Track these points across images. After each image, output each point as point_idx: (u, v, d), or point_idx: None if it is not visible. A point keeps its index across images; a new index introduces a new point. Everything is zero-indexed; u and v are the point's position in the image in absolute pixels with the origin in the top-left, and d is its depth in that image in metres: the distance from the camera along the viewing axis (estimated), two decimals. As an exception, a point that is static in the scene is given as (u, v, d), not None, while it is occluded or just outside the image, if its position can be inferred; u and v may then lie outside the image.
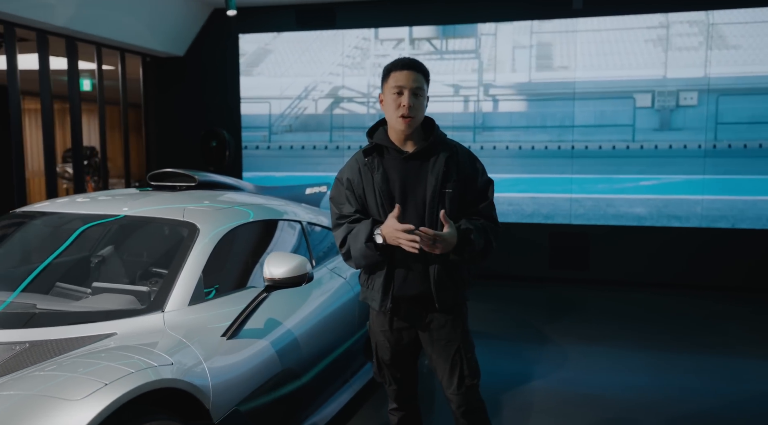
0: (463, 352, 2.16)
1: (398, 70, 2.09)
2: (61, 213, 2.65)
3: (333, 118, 6.78)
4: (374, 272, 2.16)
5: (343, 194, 2.18)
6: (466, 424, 2.21)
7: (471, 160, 2.19)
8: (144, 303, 2.21)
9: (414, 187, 2.10)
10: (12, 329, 1.94)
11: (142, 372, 1.65)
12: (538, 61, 6.21)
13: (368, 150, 2.16)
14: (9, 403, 1.43)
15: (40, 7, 5.09)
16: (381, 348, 2.24)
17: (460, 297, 2.18)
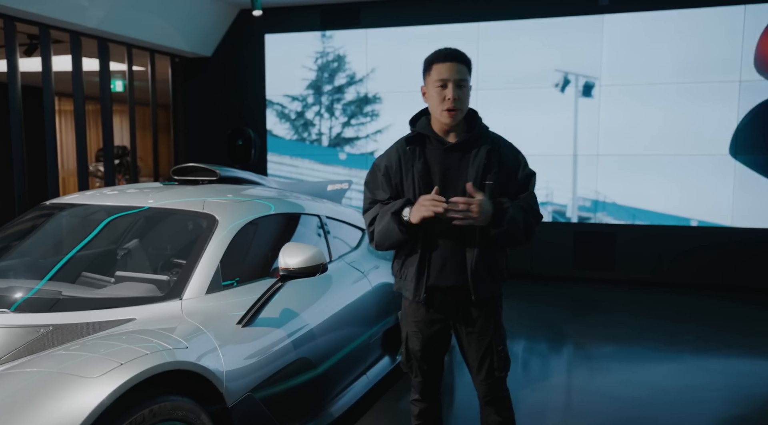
0: (495, 345, 2.16)
1: (441, 61, 2.08)
2: (89, 205, 2.75)
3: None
4: (407, 261, 2.15)
5: (379, 180, 2.19)
6: (491, 412, 2.24)
7: (513, 152, 2.17)
8: (163, 291, 2.28)
9: (454, 179, 2.10)
10: (37, 313, 2.03)
11: (158, 354, 1.71)
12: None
13: (410, 139, 2.16)
14: (32, 379, 1.50)
15: (73, 9, 5.27)
16: (412, 339, 2.23)
17: (496, 290, 2.17)
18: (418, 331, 2.21)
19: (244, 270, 2.60)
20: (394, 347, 3.55)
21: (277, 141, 7.11)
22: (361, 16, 6.70)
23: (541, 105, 6.22)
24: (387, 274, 3.45)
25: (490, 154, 2.10)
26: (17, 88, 5.27)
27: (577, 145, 6.19)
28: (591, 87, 6.06)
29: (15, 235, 2.73)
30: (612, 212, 6.13)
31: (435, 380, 2.29)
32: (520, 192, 2.14)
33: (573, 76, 6.12)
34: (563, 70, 6.14)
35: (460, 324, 2.18)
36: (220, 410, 1.99)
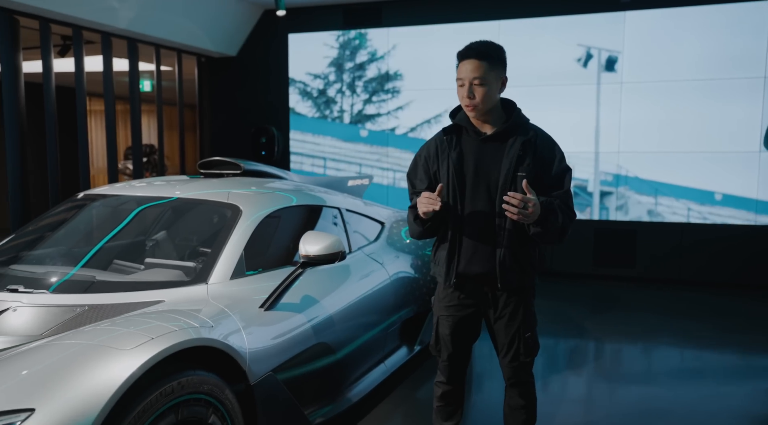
0: (522, 332, 2.22)
1: (461, 60, 2.14)
2: (120, 195, 2.88)
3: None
4: (440, 248, 2.26)
5: (418, 170, 2.29)
6: (515, 394, 2.31)
7: (549, 145, 2.19)
8: (190, 277, 2.39)
9: (487, 170, 2.15)
10: (73, 294, 2.16)
11: (185, 331, 1.81)
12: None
13: (448, 129, 2.24)
14: (72, 350, 1.62)
15: (104, 10, 5.45)
16: (442, 323, 2.31)
17: (528, 281, 2.21)
18: (448, 315, 2.28)
19: (267, 259, 2.71)
20: (412, 337, 3.63)
21: (300, 118, 7.20)
22: (383, 15, 6.78)
23: (561, 102, 6.23)
24: (405, 266, 3.53)
25: (525, 145, 2.13)
26: (52, 88, 5.47)
27: (599, 143, 6.18)
28: (614, 61, 6.03)
29: (51, 225, 2.87)
30: (632, 211, 6.11)
31: (460, 365, 2.36)
32: (555, 187, 2.15)
33: (595, 52, 6.11)
34: (586, 54, 6.14)
35: (490, 309, 2.24)
36: (243, 390, 2.09)
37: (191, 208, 2.84)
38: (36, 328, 1.91)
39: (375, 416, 3.00)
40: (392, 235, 3.72)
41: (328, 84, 7.05)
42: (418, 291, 3.60)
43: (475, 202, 2.15)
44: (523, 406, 2.32)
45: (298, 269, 2.43)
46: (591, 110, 6.17)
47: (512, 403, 2.34)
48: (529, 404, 2.33)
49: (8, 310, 2.01)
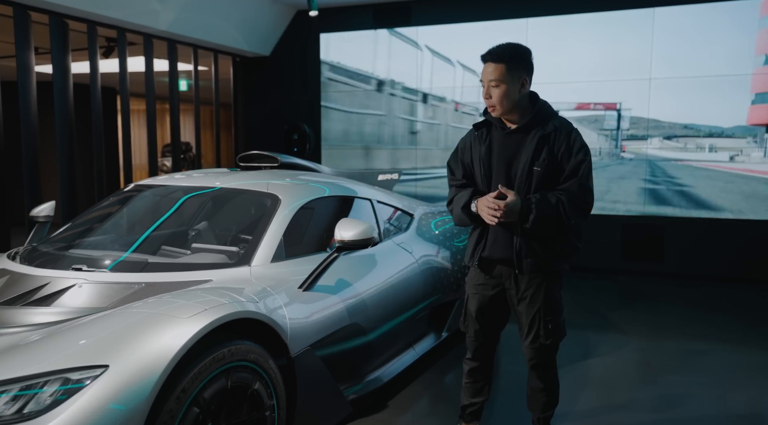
0: (543, 315, 2.34)
1: (483, 62, 2.31)
2: (168, 185, 3.10)
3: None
4: (472, 233, 2.45)
5: (456, 161, 2.49)
6: (534, 376, 2.45)
7: (567, 139, 2.27)
8: (234, 260, 2.58)
9: (510, 162, 2.31)
10: (131, 272, 2.37)
11: (233, 304, 2.00)
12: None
13: (478, 124, 2.42)
14: (137, 317, 1.82)
15: (147, 13, 5.73)
16: (470, 300, 2.48)
17: (549, 267, 2.33)
18: (475, 293, 2.45)
19: (303, 245, 2.88)
20: (441, 324, 3.78)
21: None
22: (413, 14, 6.92)
23: (590, 99, 6.28)
24: (434, 256, 3.68)
25: (542, 140, 2.26)
26: (98, 88, 5.77)
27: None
28: (643, 56, 6.08)
29: (105, 213, 3.11)
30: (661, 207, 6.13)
31: (486, 343, 2.49)
32: (570, 177, 2.26)
33: (623, 49, 6.15)
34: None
35: (512, 291, 2.38)
36: (284, 365, 2.26)
37: (233, 197, 3.04)
38: (101, 301, 2.12)
39: (404, 396, 3.15)
40: (421, 226, 3.87)
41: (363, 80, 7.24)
42: (446, 280, 3.74)
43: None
44: (543, 389, 2.45)
45: (333, 253, 2.60)
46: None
47: (533, 385, 2.47)
48: (549, 387, 2.45)
49: (75, 286, 2.23)
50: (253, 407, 2.07)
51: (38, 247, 2.75)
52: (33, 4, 4.91)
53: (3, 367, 1.64)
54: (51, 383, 1.59)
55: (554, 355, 2.44)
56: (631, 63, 6.11)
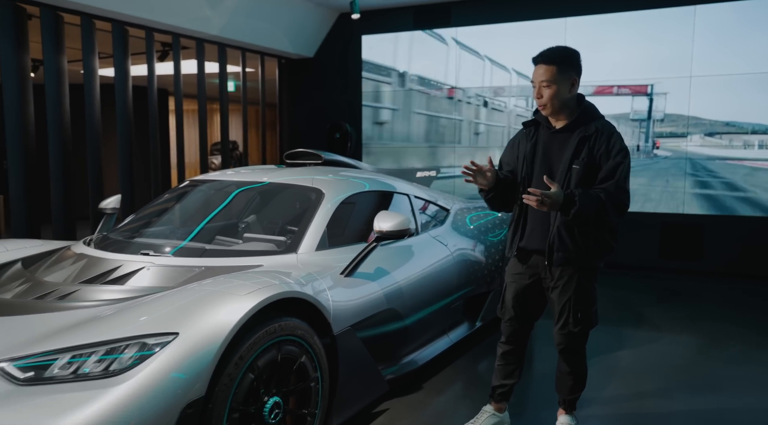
0: (573, 304, 2.46)
1: (534, 64, 2.44)
2: (222, 180, 3.38)
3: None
4: (511, 225, 2.62)
5: (506, 155, 2.67)
6: (562, 360, 2.60)
7: (607, 141, 2.38)
8: (281, 248, 2.83)
9: (552, 159, 2.47)
10: (192, 257, 2.64)
11: (283, 285, 2.24)
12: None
13: (527, 123, 2.60)
14: (201, 293, 2.08)
15: (200, 19, 6.08)
16: (508, 288, 2.65)
17: (581, 262, 2.43)
18: (512, 282, 2.63)
19: (344, 236, 3.11)
20: (475, 314, 3.95)
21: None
22: (452, 15, 7.08)
23: (628, 97, 6.31)
24: (468, 249, 3.85)
25: (583, 140, 2.40)
26: (154, 90, 6.16)
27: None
28: (682, 55, 6.07)
29: (165, 205, 3.41)
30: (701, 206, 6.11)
31: (521, 329, 2.65)
32: (607, 178, 2.36)
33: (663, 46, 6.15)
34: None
35: (547, 280, 2.53)
36: (328, 343, 2.49)
37: (280, 191, 3.30)
38: (166, 282, 2.39)
39: (438, 380, 3.34)
40: (457, 221, 4.05)
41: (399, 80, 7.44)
42: (480, 273, 3.91)
43: (539, 187, 2.42)
44: (570, 372, 2.59)
45: (373, 242, 2.82)
46: (658, 105, 6.21)
47: (561, 369, 2.62)
48: (576, 371, 2.59)
49: (144, 269, 2.51)
50: (300, 378, 2.30)
51: (109, 236, 3.07)
52: (98, 14, 5.31)
53: (90, 333, 1.92)
54: (131, 347, 1.85)
55: (583, 342, 2.57)
56: (671, 61, 6.11)
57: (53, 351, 1.85)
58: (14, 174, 4.96)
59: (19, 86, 4.90)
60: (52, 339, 1.91)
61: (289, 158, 3.97)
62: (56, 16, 5.12)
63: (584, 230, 2.41)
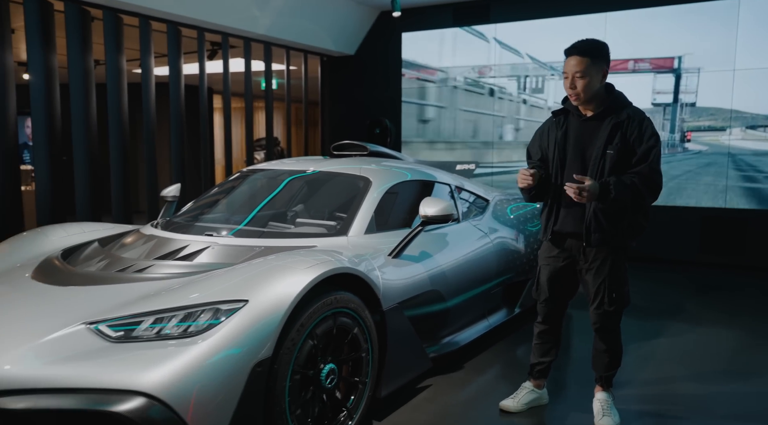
0: (607, 284, 2.59)
1: (567, 56, 2.56)
2: (275, 169, 3.61)
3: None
4: (545, 209, 2.74)
5: (534, 144, 2.78)
6: (598, 339, 2.73)
7: (639, 127, 2.51)
8: (332, 231, 3.03)
9: (584, 146, 2.58)
10: (251, 238, 2.86)
11: (337, 262, 2.43)
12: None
13: (556, 112, 2.71)
14: (266, 267, 2.29)
15: (247, 19, 6.35)
16: (542, 271, 2.79)
17: (616, 242, 2.56)
18: (546, 265, 2.76)
19: (389, 222, 3.29)
20: (514, 300, 4.08)
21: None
22: (491, 11, 7.18)
23: (668, 92, 6.31)
24: (508, 238, 3.98)
25: (615, 127, 2.52)
26: (204, 89, 6.47)
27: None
28: (724, 49, 6.03)
29: (223, 192, 3.65)
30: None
31: (555, 310, 2.79)
32: (640, 161, 2.49)
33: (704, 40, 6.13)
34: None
35: (581, 262, 2.66)
36: (378, 321, 2.67)
37: (330, 179, 3.50)
38: (230, 259, 2.61)
39: (478, 361, 3.49)
40: (497, 211, 4.18)
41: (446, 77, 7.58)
42: (519, 261, 4.04)
43: (572, 172, 2.57)
44: (606, 350, 2.71)
45: (418, 226, 2.99)
46: (703, 99, 6.19)
47: (598, 347, 2.75)
48: (612, 349, 2.71)
49: (209, 248, 2.74)
50: (352, 349, 2.49)
51: (173, 220, 3.32)
52: (155, 15, 5.63)
53: (170, 300, 2.14)
54: (206, 312, 2.07)
55: (618, 321, 2.69)
56: (713, 54, 6.08)
57: (139, 314, 2.09)
58: (78, 167, 5.30)
59: (83, 85, 5.24)
60: (137, 304, 2.15)
61: (335, 149, 4.17)
62: (117, 18, 5.45)
63: (619, 212, 2.53)
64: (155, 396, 1.84)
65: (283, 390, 2.11)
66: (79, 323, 2.07)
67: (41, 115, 4.96)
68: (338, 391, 2.44)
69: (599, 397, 2.74)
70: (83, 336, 2.02)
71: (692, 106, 6.21)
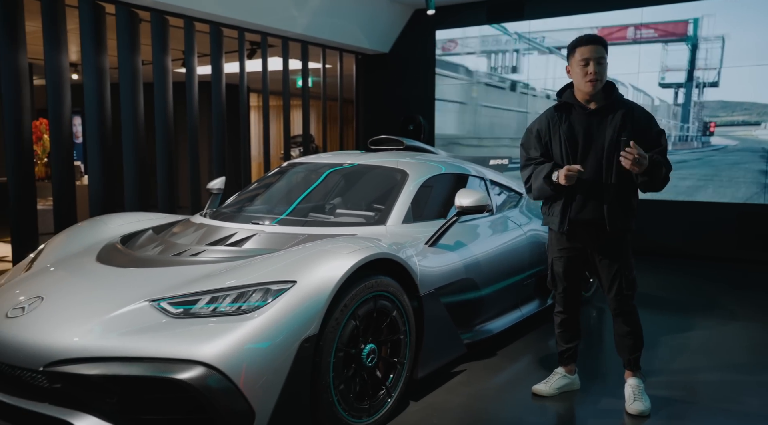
0: (623, 270, 2.70)
1: (583, 45, 2.64)
2: (315, 163, 3.77)
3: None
4: (555, 201, 2.77)
5: (532, 141, 2.81)
6: (620, 322, 2.80)
7: (646, 115, 2.67)
8: (372, 221, 3.17)
9: (595, 137, 2.67)
10: (295, 226, 3.03)
11: (378, 248, 2.57)
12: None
13: (559, 106, 2.77)
14: (312, 251, 2.45)
15: (286, 19, 6.55)
16: (556, 263, 2.87)
17: (629, 225, 2.69)
18: (561, 257, 2.84)
19: (425, 212, 3.41)
20: (546, 292, 4.15)
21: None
22: (525, 8, 7.22)
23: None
24: (540, 231, 4.06)
25: (625, 116, 2.64)
26: (245, 87, 6.69)
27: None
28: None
29: (266, 184, 3.84)
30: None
31: (573, 298, 2.89)
32: (653, 147, 2.62)
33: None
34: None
35: (595, 252, 2.75)
36: (416, 306, 2.79)
37: (368, 171, 3.64)
38: (277, 245, 2.77)
39: (512, 348, 3.59)
40: (529, 204, 4.27)
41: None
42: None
43: (585, 163, 2.64)
44: (629, 332, 2.78)
45: (453, 216, 3.11)
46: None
47: (620, 331, 2.81)
48: (635, 330, 2.78)
49: (256, 235, 2.91)
50: (391, 331, 2.63)
51: (220, 210, 3.51)
52: (198, 16, 5.87)
53: (224, 280, 2.32)
54: (257, 292, 2.23)
55: (634, 303, 2.77)
56: (750, 49, 6.00)
57: (196, 293, 2.26)
58: (127, 164, 5.57)
59: (132, 85, 5.51)
60: (194, 284, 2.33)
61: (372, 144, 4.32)
62: (163, 20, 5.70)
63: (629, 197, 2.65)
64: (213, 365, 2.01)
65: (328, 366, 2.26)
66: (143, 300, 2.25)
67: (94, 114, 5.24)
68: (378, 371, 2.58)
69: (631, 383, 2.81)
70: (147, 312, 2.20)
71: (713, 85, 6.00)
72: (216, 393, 1.99)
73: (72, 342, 2.10)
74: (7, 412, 2.20)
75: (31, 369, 2.11)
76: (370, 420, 2.49)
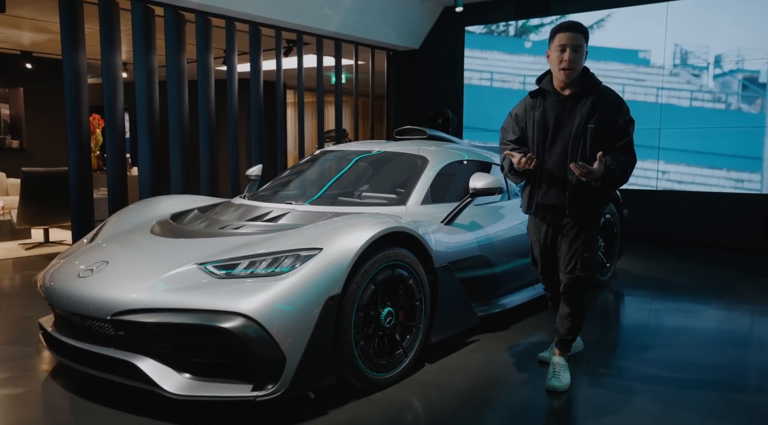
0: (581, 251, 2.77)
1: (562, 31, 2.69)
2: (345, 150, 4.11)
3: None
4: (526, 185, 2.91)
5: (510, 124, 2.91)
6: (565, 301, 2.88)
7: (617, 102, 2.74)
8: (393, 201, 3.48)
9: (565, 123, 2.74)
10: (324, 206, 3.37)
11: (396, 222, 2.88)
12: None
13: (534, 92, 2.85)
14: (336, 225, 2.77)
15: (320, 17, 6.91)
16: (533, 246, 3.02)
17: (592, 211, 2.78)
18: (536, 240, 2.96)
19: (443, 195, 3.70)
20: (560, 273, 4.39)
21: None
22: (552, 3, 7.39)
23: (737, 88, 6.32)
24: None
25: (595, 103, 2.69)
26: (281, 84, 7.08)
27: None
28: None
29: (300, 170, 4.20)
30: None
31: (553, 277, 2.99)
32: (620, 136, 2.69)
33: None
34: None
35: (559, 231, 2.87)
36: (431, 280, 3.08)
37: (392, 158, 3.96)
38: (307, 221, 3.11)
39: (525, 324, 3.84)
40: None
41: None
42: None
43: (553, 149, 2.75)
44: (570, 314, 2.86)
45: (468, 197, 3.40)
46: (763, 84, 6.17)
47: (562, 312, 2.90)
48: (576, 314, 2.85)
49: (289, 213, 3.27)
50: (407, 298, 2.93)
51: (258, 193, 3.89)
52: (238, 16, 6.27)
53: (260, 248, 2.67)
54: (289, 257, 2.57)
55: (585, 289, 2.84)
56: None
57: (236, 258, 2.62)
58: (174, 156, 6.02)
59: (178, 82, 5.95)
60: (234, 251, 2.69)
61: (398, 134, 4.63)
62: (206, 20, 6.13)
63: (594, 185, 2.69)
64: (251, 316, 2.35)
65: (350, 323, 2.59)
66: (191, 264, 2.62)
67: (144, 111, 5.70)
68: (396, 333, 2.89)
69: (555, 360, 2.89)
70: (195, 274, 2.57)
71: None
72: (253, 341, 2.33)
73: (134, 296, 2.48)
74: (80, 356, 2.61)
75: (100, 318, 2.50)
76: (388, 375, 2.81)
